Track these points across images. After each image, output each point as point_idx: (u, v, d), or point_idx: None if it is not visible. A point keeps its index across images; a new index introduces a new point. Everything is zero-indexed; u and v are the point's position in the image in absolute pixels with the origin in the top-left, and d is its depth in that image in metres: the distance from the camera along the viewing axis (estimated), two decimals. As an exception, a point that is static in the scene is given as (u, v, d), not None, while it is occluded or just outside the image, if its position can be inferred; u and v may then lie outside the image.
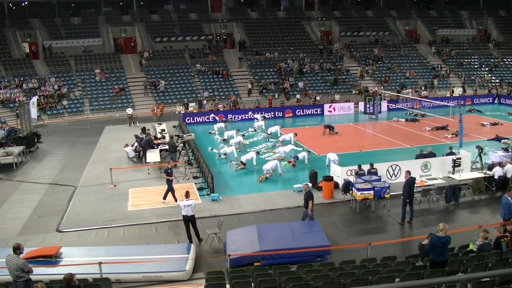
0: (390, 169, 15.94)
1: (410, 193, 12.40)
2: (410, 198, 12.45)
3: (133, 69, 38.43)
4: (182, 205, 11.58)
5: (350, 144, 22.64)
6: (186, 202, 11.62)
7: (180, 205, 11.65)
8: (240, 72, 39.73)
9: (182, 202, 11.64)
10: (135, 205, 14.60)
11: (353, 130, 26.94)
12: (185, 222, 11.66)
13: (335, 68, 40.86)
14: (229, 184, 16.59)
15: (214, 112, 30.69)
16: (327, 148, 21.29)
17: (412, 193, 12.55)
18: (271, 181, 16.74)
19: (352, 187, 13.80)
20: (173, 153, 18.86)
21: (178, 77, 37.94)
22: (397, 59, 43.63)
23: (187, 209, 11.58)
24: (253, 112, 29.83)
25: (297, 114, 31.52)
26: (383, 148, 21.43)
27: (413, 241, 11.49)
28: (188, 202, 11.64)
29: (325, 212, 13.85)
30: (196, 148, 19.59)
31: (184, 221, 11.69)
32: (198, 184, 16.17)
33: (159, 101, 34.91)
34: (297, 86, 38.41)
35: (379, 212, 13.69)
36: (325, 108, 32.17)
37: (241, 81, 38.87)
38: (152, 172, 18.22)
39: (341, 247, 11.14)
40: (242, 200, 14.78)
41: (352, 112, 32.49)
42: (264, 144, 22.72)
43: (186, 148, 21.00)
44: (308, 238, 10.38)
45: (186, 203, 11.60)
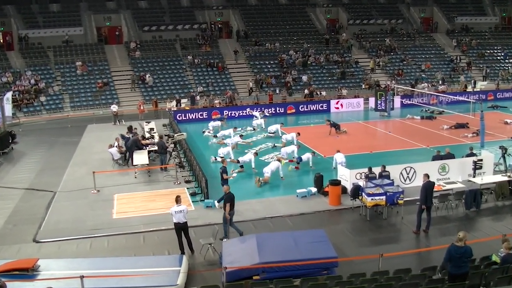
0: (404, 172, 15.94)
1: (427, 198, 12.41)
2: (428, 204, 12.46)
3: (118, 62, 38.45)
4: (173, 212, 11.55)
5: (359, 144, 22.64)
6: (178, 207, 11.59)
7: (171, 211, 11.62)
8: (238, 65, 39.82)
9: (173, 208, 11.61)
10: (121, 212, 14.61)
11: (363, 129, 26.91)
12: (177, 230, 11.64)
13: (342, 60, 40.93)
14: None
15: (209, 109, 30.76)
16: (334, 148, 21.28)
17: (430, 199, 12.57)
18: (272, 186, 16.77)
19: (362, 192, 13.81)
20: (163, 155, 18.86)
21: (169, 70, 37.96)
22: (412, 50, 43.71)
23: (178, 215, 11.56)
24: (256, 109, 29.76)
25: (300, 111, 31.58)
26: (396, 149, 21.45)
27: (429, 252, 11.48)
28: (179, 207, 11.62)
29: (332, 219, 13.87)
30: (188, 149, 19.59)
31: (176, 230, 11.66)
32: (190, 189, 16.17)
33: (148, 97, 35.00)
34: (300, 80, 38.48)
35: (391, 219, 13.69)
36: (332, 105, 32.21)
37: (238, 74, 38.93)
38: (140, 175, 18.20)
39: (350, 258, 11.15)
40: (239, 206, 14.66)
41: (361, 109, 32.47)
42: (264, 145, 22.77)
43: (178, 149, 21.01)
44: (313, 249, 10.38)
45: (177, 209, 11.57)
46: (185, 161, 19.84)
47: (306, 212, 14.21)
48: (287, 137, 22.12)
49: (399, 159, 18.85)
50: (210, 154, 20.77)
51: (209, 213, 14.30)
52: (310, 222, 13.55)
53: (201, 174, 15.88)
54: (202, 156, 20.84)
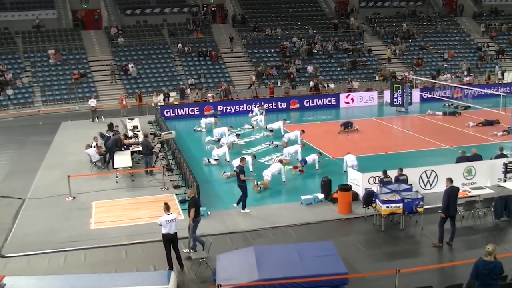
0: (424, 176, 15.94)
1: (449, 206, 12.42)
2: (451, 213, 12.46)
3: (97, 50, 38.47)
4: (163, 221, 11.53)
5: (372, 144, 22.65)
6: (168, 216, 11.59)
7: (161, 221, 11.58)
8: (233, 54, 39.84)
9: (163, 217, 11.59)
10: (100, 222, 14.59)
11: (377, 127, 26.91)
12: (166, 242, 11.64)
13: (353, 48, 41.00)
14: (220, 195, 16.59)
15: (201, 104, 30.73)
16: (343, 149, 21.30)
17: (454, 207, 12.59)
18: (273, 192, 16.77)
19: (376, 199, 13.82)
20: (148, 156, 18.88)
21: (155, 60, 38.01)
22: (433, 37, 43.81)
23: (170, 225, 11.55)
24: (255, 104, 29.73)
25: (305, 106, 31.63)
26: (414, 149, 21.47)
27: (453, 268, 11.49)
28: (170, 216, 11.61)
29: (342, 230, 13.86)
30: (177, 149, 19.60)
31: (165, 242, 11.66)
32: (180, 196, 16.17)
33: (131, 90, 35.03)
34: (305, 71, 38.52)
35: (410, 230, 13.69)
36: (341, 99, 32.25)
37: (234, 65, 38.99)
38: (122, 180, 18.18)
39: (362, 275, 11.13)
40: (236, 215, 14.76)
41: (375, 104, 32.50)
42: (264, 145, 22.79)
43: (165, 150, 21.03)
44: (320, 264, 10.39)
45: (168, 218, 11.56)
46: (174, 163, 19.80)
47: (312, 222, 14.20)
48: (290, 136, 22.13)
49: (418, 161, 18.83)
50: (203, 155, 20.79)
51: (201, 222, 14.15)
52: (317, 233, 13.53)
53: (192, 178, 15.87)
54: (193, 157, 20.80)
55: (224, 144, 21.15)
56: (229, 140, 21.68)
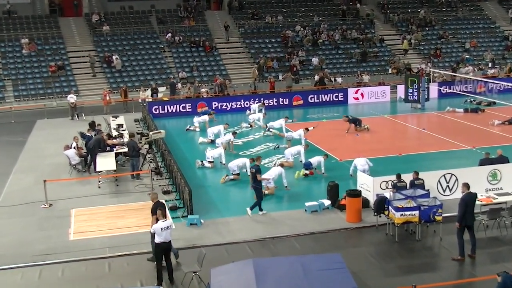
0: (443, 180, 15.94)
1: (466, 215, 12.37)
2: (468, 222, 12.41)
3: (77, 39, 38.45)
4: (159, 229, 11.52)
5: (385, 144, 22.63)
6: (164, 223, 11.60)
7: (155, 229, 11.57)
8: (230, 44, 39.82)
9: (158, 224, 11.59)
10: (80, 232, 14.55)
11: (390, 125, 26.89)
12: (159, 253, 11.65)
13: (363, 37, 41.04)
14: (215, 202, 16.59)
15: (193, 100, 30.71)
16: (352, 150, 21.26)
17: (472, 216, 12.56)
18: (274, 198, 16.75)
19: (389, 206, 13.82)
20: (134, 158, 18.88)
21: (142, 51, 38.00)
22: (453, 24, 43.87)
23: (165, 233, 11.55)
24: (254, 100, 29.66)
25: (309, 102, 31.63)
26: (432, 151, 21.48)
27: (476, 284, 11.47)
28: (166, 223, 11.63)
29: (351, 240, 13.85)
30: (167, 151, 19.61)
31: (157, 253, 11.68)
32: (170, 202, 16.17)
33: (115, 85, 35.01)
34: (309, 64, 38.54)
35: (427, 241, 13.67)
36: (350, 94, 32.25)
37: (230, 56, 38.99)
38: (105, 185, 18.17)
39: (374, 291, 11.17)
40: (233, 224, 14.77)
41: (387, 100, 32.50)
42: (264, 146, 22.79)
43: (153, 151, 21.02)
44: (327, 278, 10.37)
45: (163, 225, 11.56)
46: (163, 166, 19.77)
47: (318, 231, 14.20)
48: (293, 135, 22.14)
49: (436, 164, 18.82)
50: (195, 157, 20.77)
51: (193, 232, 14.28)
52: (323, 244, 13.54)
53: (183, 182, 15.88)
54: (185, 159, 20.77)
55: (219, 145, 21.13)
56: (224, 140, 21.68)
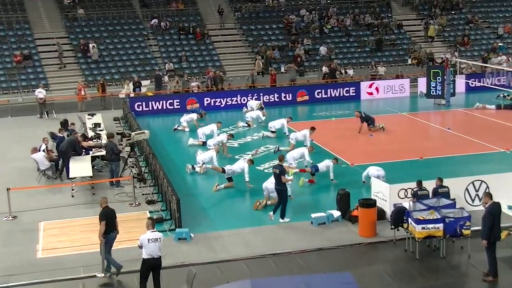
0: (471, 188, 15.93)
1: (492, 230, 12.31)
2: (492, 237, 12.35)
3: (46, 25, 38.42)
4: (145, 241, 11.56)
5: (403, 146, 22.62)
6: (152, 234, 11.65)
7: (141, 241, 11.62)
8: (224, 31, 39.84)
9: (145, 235, 11.65)
10: (50, 248, 14.47)
11: (409, 124, 26.86)
12: (146, 271, 11.69)
13: (378, 23, 41.09)
14: (207, 213, 16.57)
15: (182, 96, 30.65)
16: (366, 153, 21.27)
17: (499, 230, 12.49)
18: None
19: (408, 218, 13.77)
20: (114, 163, 18.86)
21: (122, 38, 38.01)
22: (483, 7, 43.85)
23: (153, 246, 11.59)
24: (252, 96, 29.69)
25: (316, 98, 31.59)
26: (458, 154, 21.51)
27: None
28: (154, 234, 11.68)
29: (364, 258, 13.83)
30: (152, 154, 19.63)
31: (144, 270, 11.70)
32: (155, 213, 16.15)
33: (91, 78, 34.92)
34: (316, 53, 38.59)
35: (453, 258, 13.64)
36: (363, 89, 32.26)
37: (225, 45, 39.02)
38: (79, 194, 18.10)
39: (390, 315, 11.20)
40: (227, 238, 14.74)
41: (407, 95, 32.50)
42: (263, 148, 22.80)
43: (136, 155, 21.04)
44: (336, 301, 10.37)
45: (151, 236, 11.60)
46: (147, 172, 19.74)
47: (325, 247, 14.18)
48: (297, 136, 22.14)
49: (463, 169, 18.83)
50: (185, 161, 20.75)
51: (182, 248, 14.27)
52: (331, 262, 13.55)
53: (170, 191, 15.86)
54: (173, 164, 20.74)
55: (211, 147, 21.15)
56: (217, 141, 21.73)
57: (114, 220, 13.00)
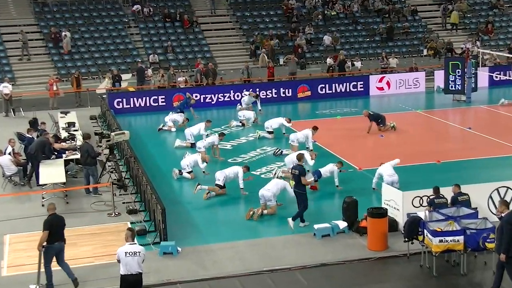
0: (495, 196, 15.88)
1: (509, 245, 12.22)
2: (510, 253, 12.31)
3: (12, 10, 38.34)
4: (122, 254, 11.57)
5: (418, 148, 22.66)
6: (130, 247, 11.66)
7: (119, 254, 11.65)
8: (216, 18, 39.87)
9: (123, 248, 11.66)
10: (17, 265, 14.41)
11: (424, 123, 26.90)
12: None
13: (390, 8, 41.09)
14: (196, 224, 16.57)
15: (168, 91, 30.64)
16: (375, 156, 21.23)
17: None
18: (275, 218, 16.65)
19: (424, 229, 13.76)
20: (90, 167, 18.77)
21: (100, 26, 38.01)
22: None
23: (131, 261, 11.58)
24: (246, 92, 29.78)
25: (319, 94, 31.65)
26: (481, 157, 21.49)
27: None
28: (133, 247, 11.69)
29: (374, 274, 13.85)
30: (134, 157, 19.57)
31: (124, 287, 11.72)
32: (137, 225, 16.11)
33: (64, 71, 34.92)
34: (320, 43, 38.57)
35: (475, 275, 13.61)
36: (372, 83, 32.38)
37: (216, 33, 38.98)
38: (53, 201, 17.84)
39: None
40: (219, 252, 14.73)
41: (422, 90, 32.61)
42: (259, 150, 22.77)
43: (116, 158, 21.00)
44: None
45: (129, 249, 11.61)
46: (128, 177, 19.71)
47: (330, 262, 14.17)
48: (298, 137, 22.14)
49: (486, 174, 18.80)
50: (171, 165, 20.72)
51: (167, 263, 14.25)
52: (337, 279, 13.51)
53: (154, 198, 15.83)
54: (157, 168, 20.74)
55: (199, 149, 21.22)
56: (207, 142, 21.71)
57: (62, 229, 13.01)
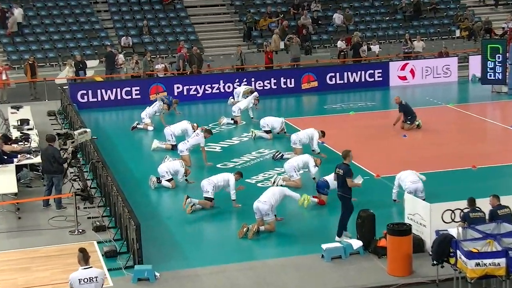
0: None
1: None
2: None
3: None
4: (76, 281, 11.57)
5: (448, 150, 22.71)
6: (85, 271, 11.66)
7: (71, 281, 11.63)
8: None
9: (76, 273, 11.65)
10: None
11: (457, 120, 27.06)
12: None
13: (414, -19, 41.19)
14: (178, 244, 16.59)
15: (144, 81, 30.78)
16: (396, 160, 21.28)
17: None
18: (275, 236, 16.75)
19: (457, 250, 13.73)
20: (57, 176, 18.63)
21: (60, 2, 38.16)
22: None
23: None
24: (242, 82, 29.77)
25: (328, 84, 31.84)
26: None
27: None
28: (89, 272, 11.69)
29: (395, 305, 13.92)
30: (102, 163, 19.45)
31: None
32: (105, 244, 16.08)
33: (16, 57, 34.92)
34: (329, 23, 38.63)
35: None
36: (393, 71, 32.59)
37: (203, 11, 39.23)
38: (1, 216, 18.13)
39: None
40: (206, 278, 14.77)
41: (453, 80, 32.87)
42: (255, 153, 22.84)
43: (79, 164, 20.93)
44: None
45: (84, 275, 11.62)
46: (95, 186, 19.68)
47: (342, 291, 14.23)
48: (301, 138, 22.21)
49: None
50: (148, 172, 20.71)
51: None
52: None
53: (127, 212, 15.70)
54: (131, 175, 20.88)
55: (182, 153, 21.28)
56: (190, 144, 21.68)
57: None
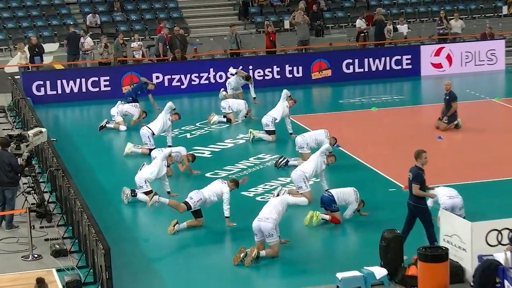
0: None
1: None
2: None
3: None
4: None
5: (495, 156, 22.75)
6: None
7: None
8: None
9: None
10: None
11: (504, 118, 27.19)
12: None
13: None
14: (157, 272, 16.56)
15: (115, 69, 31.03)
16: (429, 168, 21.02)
17: None
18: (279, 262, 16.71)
19: (504, 279, 13.81)
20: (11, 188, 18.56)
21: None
22: None
23: None
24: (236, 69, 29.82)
25: (344, 73, 32.09)
26: None
27: None
28: None
29: None
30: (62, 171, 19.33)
31: None
32: (68, 273, 15.94)
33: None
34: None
35: None
36: (425, 57, 32.88)
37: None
38: None
39: None
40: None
41: (500, 68, 33.11)
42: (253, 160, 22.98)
43: (34, 172, 20.77)
44: None
45: None
46: (54, 200, 19.65)
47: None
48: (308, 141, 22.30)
49: None
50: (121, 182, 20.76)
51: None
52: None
53: (94, 233, 15.58)
54: (99, 187, 21.04)
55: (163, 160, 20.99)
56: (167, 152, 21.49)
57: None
